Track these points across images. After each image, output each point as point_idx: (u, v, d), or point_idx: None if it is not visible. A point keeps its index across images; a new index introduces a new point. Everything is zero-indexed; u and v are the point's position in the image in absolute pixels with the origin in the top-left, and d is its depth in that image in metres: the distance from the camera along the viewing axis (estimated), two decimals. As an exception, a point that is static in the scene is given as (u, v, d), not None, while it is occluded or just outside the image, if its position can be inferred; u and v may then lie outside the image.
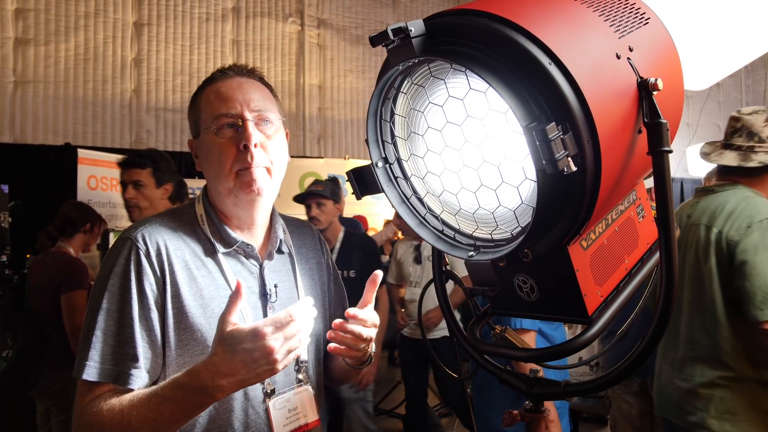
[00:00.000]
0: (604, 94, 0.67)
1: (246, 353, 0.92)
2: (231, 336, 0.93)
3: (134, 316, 1.06)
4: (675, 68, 0.84)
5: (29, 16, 6.47)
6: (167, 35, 7.23)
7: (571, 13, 0.73)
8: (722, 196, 2.10)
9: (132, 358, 1.05)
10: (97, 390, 1.04)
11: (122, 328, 1.06)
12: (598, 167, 0.66)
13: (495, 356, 0.91)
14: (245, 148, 1.13)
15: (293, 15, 8.04)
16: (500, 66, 0.66)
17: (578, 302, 0.79)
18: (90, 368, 1.03)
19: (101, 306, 1.06)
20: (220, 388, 0.94)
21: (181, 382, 0.96)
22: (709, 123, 10.95)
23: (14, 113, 6.38)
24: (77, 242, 3.31)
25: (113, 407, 1.00)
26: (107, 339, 1.05)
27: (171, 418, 0.97)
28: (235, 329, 0.93)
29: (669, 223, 0.71)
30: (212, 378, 0.93)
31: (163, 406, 0.96)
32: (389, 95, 0.81)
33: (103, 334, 1.05)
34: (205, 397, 0.95)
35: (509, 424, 0.88)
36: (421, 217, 0.86)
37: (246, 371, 0.93)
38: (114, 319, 1.06)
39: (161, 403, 0.97)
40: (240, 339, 0.93)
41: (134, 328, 1.06)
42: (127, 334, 1.05)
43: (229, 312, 0.95)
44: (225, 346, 0.93)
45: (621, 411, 2.75)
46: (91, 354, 1.04)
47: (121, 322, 1.06)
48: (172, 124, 7.22)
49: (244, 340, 0.92)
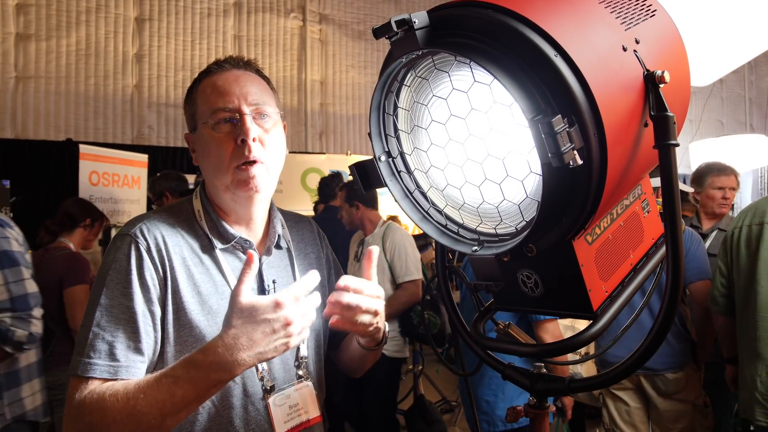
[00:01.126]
0: (611, 87, 0.67)
1: (267, 324, 0.92)
2: (252, 306, 0.92)
3: (137, 310, 1.05)
4: (681, 61, 0.83)
5: (30, 12, 6.45)
6: (169, 31, 7.21)
7: (577, 5, 0.72)
8: None
9: (136, 351, 1.04)
10: (93, 385, 1.01)
11: (125, 322, 1.04)
12: (604, 161, 0.65)
13: (499, 352, 0.91)
14: (243, 143, 1.11)
15: (295, 10, 8.02)
16: (505, 58, 0.65)
17: (583, 297, 0.79)
18: (87, 364, 1.01)
19: (99, 301, 1.05)
20: (240, 361, 0.92)
21: (195, 360, 0.93)
22: (712, 119, 10.92)
23: (16, 108, 6.37)
24: (77, 237, 3.30)
25: (117, 392, 0.96)
26: (109, 334, 1.04)
27: (183, 400, 0.93)
28: (254, 300, 0.92)
29: (676, 217, 0.70)
30: (231, 352, 0.91)
31: (174, 387, 0.93)
32: (392, 88, 0.80)
33: (101, 330, 1.03)
34: (222, 373, 0.93)
35: (513, 420, 0.88)
36: (425, 212, 0.85)
37: (266, 343, 0.92)
38: (115, 315, 1.05)
39: (173, 384, 0.93)
40: (262, 309, 0.92)
41: (137, 323, 1.05)
42: (130, 328, 1.04)
43: (242, 282, 0.93)
44: (245, 318, 0.92)
45: (617, 409, 2.74)
46: (87, 350, 1.02)
47: (122, 317, 1.05)
48: (173, 120, 7.21)
49: (266, 310, 0.92)
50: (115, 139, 6.81)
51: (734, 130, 10.89)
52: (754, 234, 2.32)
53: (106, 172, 5.69)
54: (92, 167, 5.57)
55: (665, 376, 2.57)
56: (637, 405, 2.70)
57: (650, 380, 2.62)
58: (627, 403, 2.70)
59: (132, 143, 6.85)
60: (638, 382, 2.67)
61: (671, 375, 2.57)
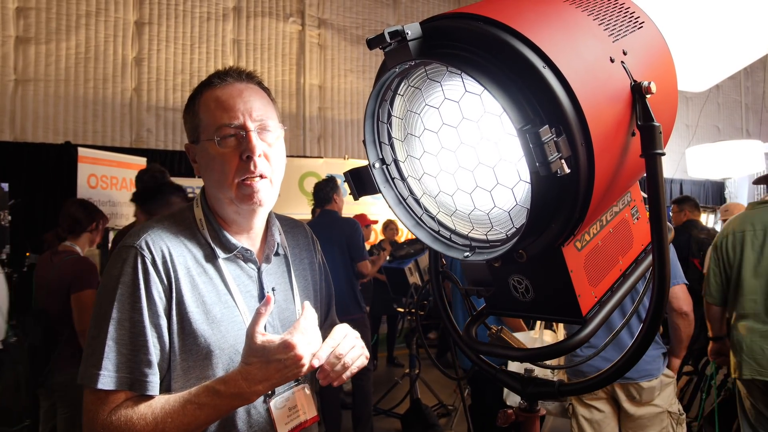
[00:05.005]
0: (598, 98, 0.68)
1: (279, 362, 1.02)
2: (264, 348, 1.02)
3: (146, 323, 1.07)
4: (669, 72, 0.85)
5: (30, 15, 6.48)
6: (168, 34, 7.24)
7: (566, 17, 0.74)
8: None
9: (147, 364, 1.07)
10: (112, 398, 1.05)
11: (135, 336, 1.07)
12: (592, 169, 0.67)
13: (491, 356, 0.92)
14: (248, 159, 1.13)
15: (294, 15, 8.06)
16: (495, 69, 0.67)
17: (572, 303, 0.80)
18: (105, 377, 1.04)
19: (111, 315, 1.06)
20: (256, 392, 1.04)
21: (218, 390, 1.04)
22: (709, 124, 10.97)
23: (15, 111, 6.38)
24: (84, 241, 3.34)
25: (145, 416, 1.03)
26: (120, 348, 1.06)
27: (205, 421, 1.05)
28: (266, 342, 1.02)
29: (662, 224, 0.72)
30: (249, 385, 1.03)
31: (199, 412, 1.04)
32: (386, 97, 0.82)
33: (115, 344, 1.06)
34: (241, 401, 1.05)
35: (504, 424, 0.89)
36: (418, 218, 0.87)
37: (279, 376, 1.04)
38: (126, 328, 1.07)
39: (197, 410, 1.04)
40: (274, 351, 1.02)
41: (147, 336, 1.07)
42: (140, 341, 1.07)
43: (256, 323, 1.02)
44: (259, 357, 1.02)
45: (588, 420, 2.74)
46: (104, 363, 1.04)
47: (133, 330, 1.07)
48: (172, 124, 7.23)
49: (278, 352, 1.01)
50: (114, 142, 6.83)
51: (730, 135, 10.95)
52: (738, 240, 3.06)
53: (104, 175, 5.70)
54: (91, 170, 5.58)
55: (639, 385, 2.58)
56: (610, 413, 2.67)
57: (624, 389, 2.61)
58: (600, 409, 2.67)
59: (130, 146, 6.87)
60: (612, 391, 2.65)
61: (645, 383, 2.57)
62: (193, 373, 1.12)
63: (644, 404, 2.60)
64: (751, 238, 3.00)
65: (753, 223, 3.02)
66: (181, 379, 1.11)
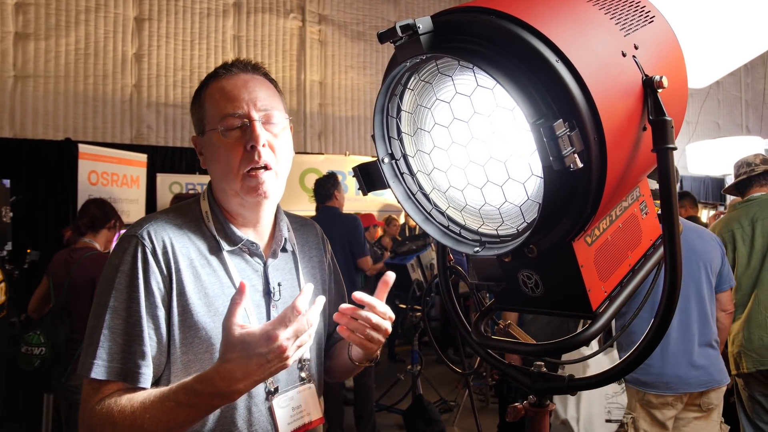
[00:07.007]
0: (610, 92, 0.68)
1: (261, 356, 0.92)
2: (243, 341, 0.92)
3: (142, 314, 1.06)
4: (679, 66, 0.85)
5: (29, 11, 6.46)
6: (168, 30, 7.22)
7: (578, 11, 0.74)
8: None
9: (141, 355, 1.05)
10: (105, 388, 1.04)
11: (131, 326, 1.06)
12: (604, 164, 0.67)
13: (499, 351, 0.92)
14: (252, 149, 1.11)
15: (294, 11, 8.04)
16: (508, 63, 0.66)
17: (582, 297, 0.80)
18: (98, 366, 1.03)
19: (108, 304, 1.06)
20: (237, 391, 0.95)
21: (195, 389, 0.96)
22: (709, 121, 10.96)
23: (14, 108, 6.37)
24: (102, 238, 3.37)
25: (124, 409, 1.00)
26: (115, 337, 1.05)
27: (186, 420, 0.99)
28: (245, 334, 0.93)
29: (673, 219, 0.72)
30: (228, 384, 0.94)
31: (177, 411, 0.98)
32: (396, 91, 0.82)
33: (111, 333, 1.05)
34: (221, 400, 0.97)
35: (513, 419, 0.89)
36: (427, 213, 0.86)
37: (261, 372, 0.94)
38: (122, 317, 1.06)
39: (175, 407, 0.98)
40: (253, 344, 0.92)
41: (143, 326, 1.06)
42: (135, 332, 1.06)
43: (232, 314, 0.94)
44: (238, 352, 0.93)
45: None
46: (98, 352, 1.04)
47: (130, 320, 1.06)
48: (172, 120, 7.22)
49: (258, 345, 0.92)
50: (114, 138, 6.82)
51: (730, 131, 10.95)
52: (728, 239, 3.15)
53: (105, 172, 5.70)
54: (91, 167, 5.58)
55: (721, 389, 2.54)
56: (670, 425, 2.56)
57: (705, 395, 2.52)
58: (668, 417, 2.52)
59: (131, 143, 6.86)
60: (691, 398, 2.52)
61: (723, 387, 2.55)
62: (194, 367, 1.10)
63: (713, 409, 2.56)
64: (741, 235, 3.14)
65: (739, 221, 3.16)
66: (182, 373, 1.09)
